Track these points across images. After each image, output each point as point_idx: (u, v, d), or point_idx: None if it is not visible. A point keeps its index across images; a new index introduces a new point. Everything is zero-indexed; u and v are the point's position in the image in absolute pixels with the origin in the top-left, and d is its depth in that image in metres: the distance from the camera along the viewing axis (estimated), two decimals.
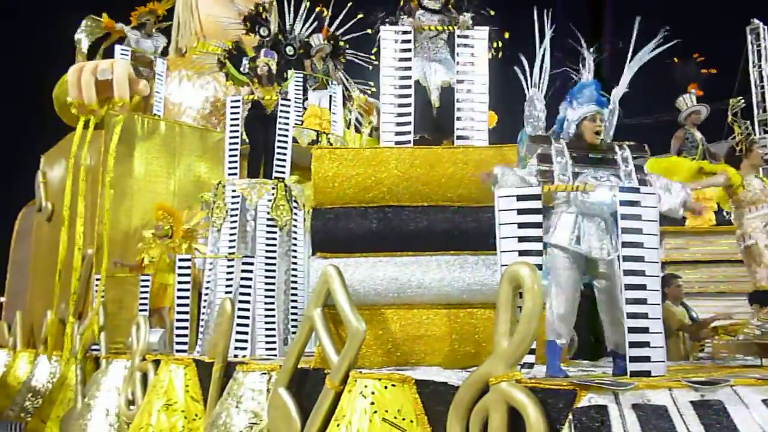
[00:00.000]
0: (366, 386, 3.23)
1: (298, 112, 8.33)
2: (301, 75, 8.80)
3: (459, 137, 4.14)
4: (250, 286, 5.47)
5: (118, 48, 8.41)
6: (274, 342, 5.86)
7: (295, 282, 6.33)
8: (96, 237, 7.58)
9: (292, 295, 6.28)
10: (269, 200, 6.17)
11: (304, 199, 6.57)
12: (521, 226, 2.96)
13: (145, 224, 7.87)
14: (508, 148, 3.94)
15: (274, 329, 5.89)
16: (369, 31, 9.75)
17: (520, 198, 2.99)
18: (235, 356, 5.07)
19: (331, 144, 8.46)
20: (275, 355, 5.82)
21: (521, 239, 2.94)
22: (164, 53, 9.29)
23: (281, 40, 9.10)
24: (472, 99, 4.15)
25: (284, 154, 6.41)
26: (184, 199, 8.16)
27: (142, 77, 7.88)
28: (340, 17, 9.78)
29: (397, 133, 4.08)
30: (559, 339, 3.15)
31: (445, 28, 4.34)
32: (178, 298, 5.67)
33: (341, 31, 9.86)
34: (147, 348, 5.67)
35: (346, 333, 3.68)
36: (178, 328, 5.62)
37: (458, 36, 4.24)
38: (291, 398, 3.78)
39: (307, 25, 9.60)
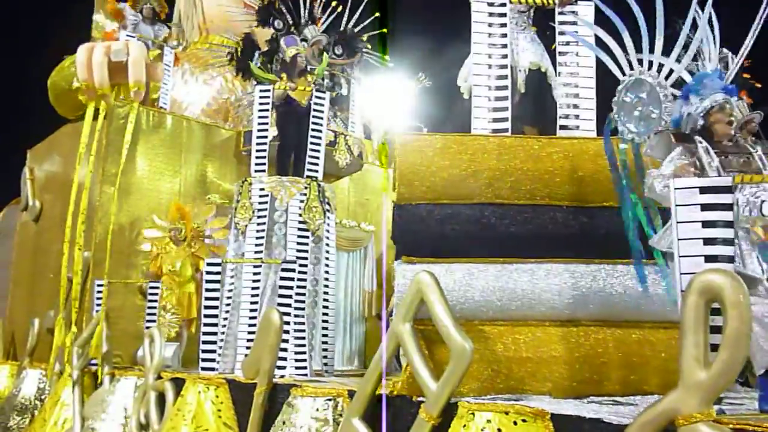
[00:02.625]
0: (489, 421, 2.62)
1: None
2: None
3: (562, 127, 3.57)
4: (290, 296, 4.82)
5: (123, 33, 7.69)
6: (305, 360, 5.21)
7: (327, 293, 5.69)
8: (94, 237, 6.83)
9: (324, 307, 5.65)
10: (301, 201, 5.55)
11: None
12: (707, 225, 2.39)
13: (150, 226, 7.16)
14: (615, 140, 3.37)
15: (304, 345, 5.24)
16: (384, 30, 9.22)
17: (704, 190, 2.42)
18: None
19: (349, 146, 7.87)
20: (305, 375, 5.18)
21: (707, 241, 2.38)
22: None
23: (295, 33, 8.52)
24: (576, 84, 3.59)
25: (317, 151, 5.79)
26: (191, 200, 7.44)
27: None
28: (356, 15, 9.27)
29: (494, 120, 3.50)
30: None
31: (544, 1, 3.79)
32: (206, 308, 4.97)
33: (358, 29, 9.34)
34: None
35: (439, 353, 3.10)
36: (204, 342, 4.91)
37: (559, 12, 3.70)
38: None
39: (322, 20, 9.03)
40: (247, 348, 5.16)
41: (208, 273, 5.02)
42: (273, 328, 3.95)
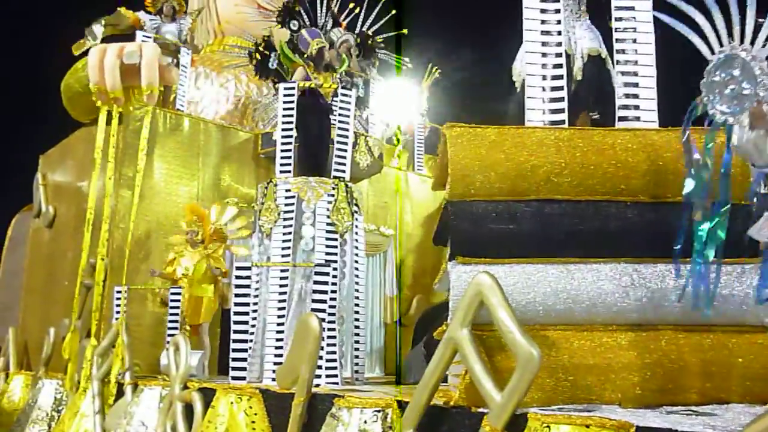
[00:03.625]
0: None
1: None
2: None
3: (621, 118, 3.36)
4: (324, 301, 4.60)
5: (139, 34, 7.50)
6: (335, 368, 4.99)
7: (357, 298, 5.48)
8: (111, 243, 6.63)
9: (354, 312, 5.43)
10: (329, 202, 5.34)
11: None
12: None
13: (166, 231, 6.96)
14: (693, 131, 3.16)
15: (335, 352, 5.03)
16: (404, 31, 9.03)
17: None
18: None
19: (369, 147, 7.68)
20: (336, 383, 4.96)
21: None
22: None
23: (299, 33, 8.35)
24: (636, 72, 3.38)
25: (344, 150, 5.59)
26: (209, 204, 7.25)
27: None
28: (373, 15, 9.10)
29: (551, 111, 3.29)
30: None
31: None
32: (236, 313, 4.75)
33: (373, 29, 9.16)
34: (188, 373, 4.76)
35: (495, 360, 2.89)
36: (235, 350, 4.69)
37: None
38: None
39: (335, 20, 8.86)
40: (275, 356, 4.95)
41: (237, 277, 4.80)
42: (312, 334, 3.73)
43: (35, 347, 7.61)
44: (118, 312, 5.81)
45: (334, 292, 5.01)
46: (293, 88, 5.61)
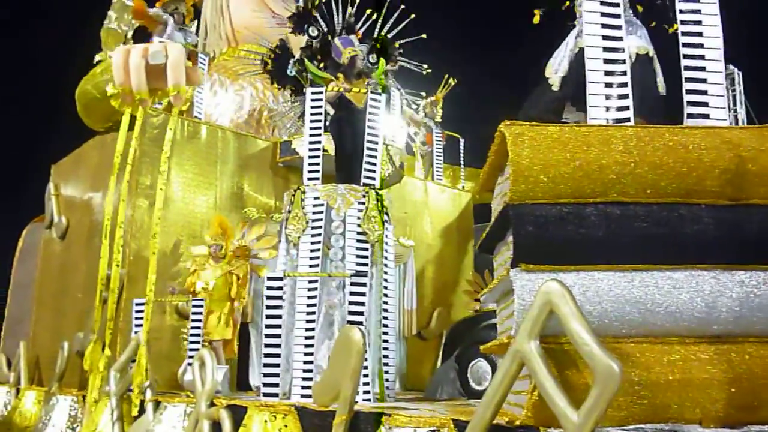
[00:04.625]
0: None
1: None
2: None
3: (689, 115, 3.15)
4: (362, 312, 4.38)
5: (156, 39, 7.34)
6: (368, 383, 4.76)
7: (386, 311, 5.25)
8: (128, 254, 6.42)
9: (383, 326, 5.20)
10: (360, 210, 5.13)
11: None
12: None
13: (184, 241, 6.77)
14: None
15: (367, 367, 4.79)
16: (424, 35, 8.85)
17: None
18: None
19: (390, 156, 7.49)
20: (368, 400, 4.73)
21: None
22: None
23: (331, 41, 8.18)
24: (704, 67, 3.18)
25: (374, 157, 5.39)
26: (227, 214, 7.04)
27: None
28: (392, 20, 8.93)
29: (616, 108, 3.08)
30: None
31: None
32: (268, 326, 4.52)
33: (392, 34, 9.00)
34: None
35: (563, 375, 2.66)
36: (266, 365, 4.46)
37: None
38: None
39: (357, 26, 8.69)
40: (304, 371, 4.73)
41: (269, 288, 4.57)
42: (355, 348, 3.49)
43: (46, 361, 7.39)
44: (137, 325, 5.59)
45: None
46: (321, 92, 5.42)
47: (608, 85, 3.10)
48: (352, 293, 4.53)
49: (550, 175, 2.90)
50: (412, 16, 8.85)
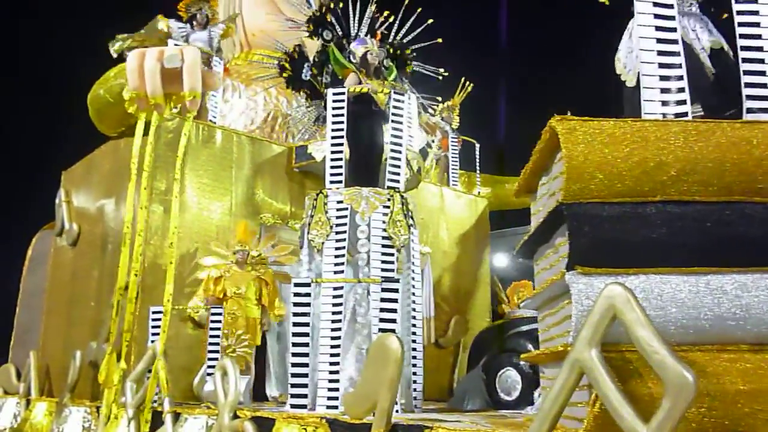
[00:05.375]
0: None
1: None
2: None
3: (749, 110, 2.99)
4: (395, 320, 4.20)
5: (171, 43, 7.18)
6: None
7: (414, 318, 5.08)
8: (143, 261, 6.24)
9: (412, 333, 5.03)
10: (385, 214, 4.97)
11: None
12: None
13: (199, 247, 6.60)
14: None
15: None
16: (439, 40, 8.68)
17: None
18: None
19: (408, 161, 7.32)
20: (397, 411, 4.55)
21: None
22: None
23: (345, 45, 8.04)
24: (763, 60, 3.02)
25: (398, 159, 5.23)
26: (242, 219, 6.89)
27: None
28: (408, 24, 8.80)
29: (675, 102, 2.91)
30: None
31: None
32: (295, 335, 4.34)
33: (408, 38, 8.86)
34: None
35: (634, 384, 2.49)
36: (294, 375, 4.28)
37: None
38: None
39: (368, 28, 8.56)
40: (330, 381, 4.55)
41: (296, 294, 4.40)
42: (392, 357, 3.31)
43: (57, 372, 7.22)
44: (154, 334, 5.41)
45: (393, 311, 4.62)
46: (342, 94, 5.26)
47: (664, 78, 2.93)
48: (383, 300, 4.36)
49: (606, 172, 2.73)
50: (430, 21, 8.74)
